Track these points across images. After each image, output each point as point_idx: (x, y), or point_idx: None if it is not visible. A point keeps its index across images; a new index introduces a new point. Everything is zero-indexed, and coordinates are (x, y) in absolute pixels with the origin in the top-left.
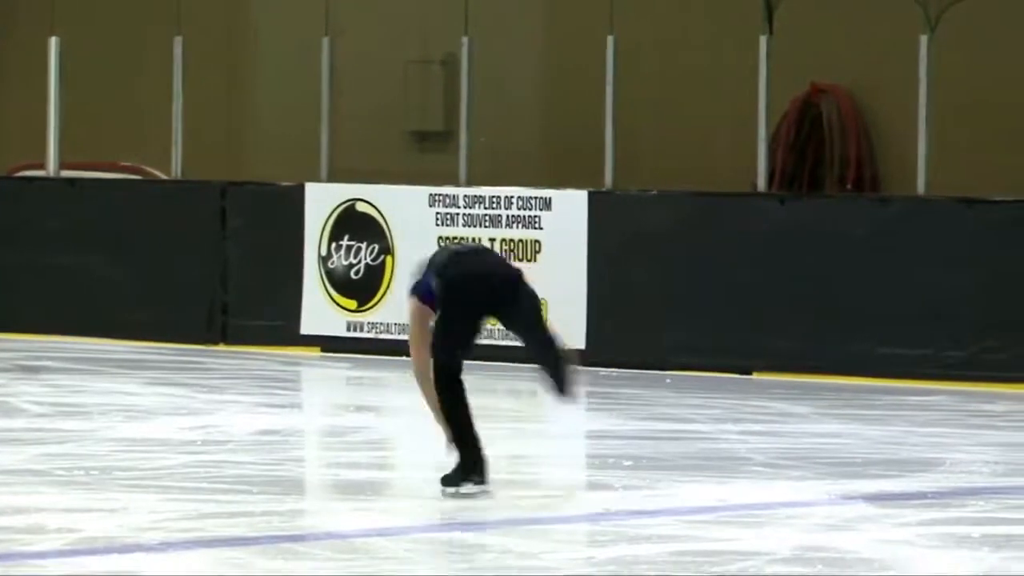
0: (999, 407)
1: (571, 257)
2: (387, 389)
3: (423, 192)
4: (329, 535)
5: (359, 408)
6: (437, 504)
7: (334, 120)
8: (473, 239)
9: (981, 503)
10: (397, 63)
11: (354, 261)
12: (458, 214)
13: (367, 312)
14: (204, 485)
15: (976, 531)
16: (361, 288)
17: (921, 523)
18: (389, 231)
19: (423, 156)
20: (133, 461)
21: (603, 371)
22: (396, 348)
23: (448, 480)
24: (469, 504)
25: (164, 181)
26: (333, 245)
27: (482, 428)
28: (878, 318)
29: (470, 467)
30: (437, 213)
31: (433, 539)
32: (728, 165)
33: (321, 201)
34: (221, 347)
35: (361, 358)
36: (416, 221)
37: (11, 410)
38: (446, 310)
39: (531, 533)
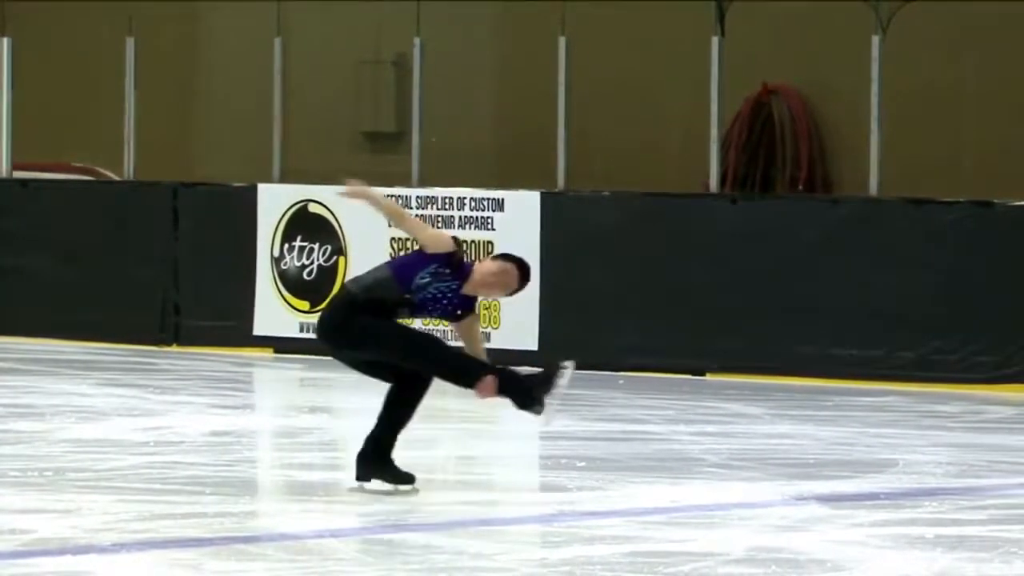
0: (951, 408)
1: (524, 258)
2: (340, 390)
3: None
4: (282, 536)
5: (312, 409)
6: (390, 505)
7: (286, 121)
8: None
9: (934, 504)
10: (349, 64)
11: (307, 262)
12: (411, 215)
13: (320, 313)
14: (157, 486)
15: (929, 532)
16: (314, 289)
17: (874, 524)
18: (342, 232)
19: (375, 157)
20: (86, 462)
21: None
22: None
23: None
24: (422, 505)
25: (116, 182)
26: (286, 246)
27: (434, 429)
28: (830, 319)
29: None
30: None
31: (386, 540)
32: (680, 166)
33: (273, 202)
34: (173, 348)
35: (314, 359)
36: (369, 222)
37: None
38: None
39: (484, 534)
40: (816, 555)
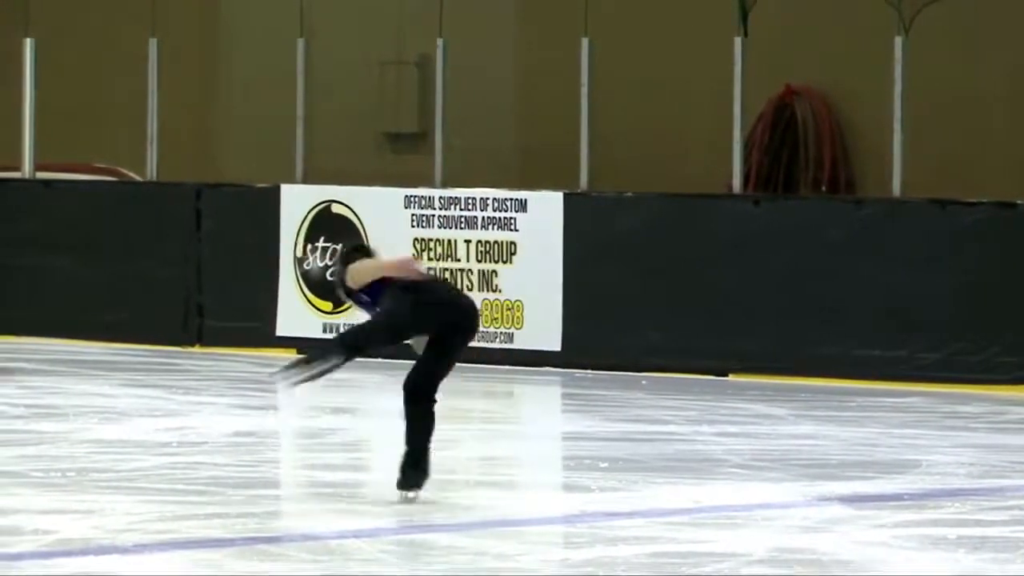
0: (973, 409)
1: (546, 259)
2: (363, 391)
3: (398, 193)
4: (304, 536)
5: (335, 410)
6: (412, 506)
7: (309, 121)
8: (448, 241)
9: (957, 505)
10: (371, 64)
11: (330, 263)
12: (434, 216)
13: (343, 314)
14: (180, 487)
15: (952, 533)
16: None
17: (897, 525)
18: (365, 233)
19: (398, 157)
20: (109, 463)
21: (578, 373)
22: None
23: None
24: (444, 506)
25: (139, 182)
26: (309, 247)
27: (456, 430)
28: (853, 320)
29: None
30: (413, 215)
31: (408, 540)
32: (703, 167)
33: (296, 202)
34: (196, 349)
35: None
36: (391, 222)
37: None
38: (447, 336)
39: (507, 535)
40: (839, 556)
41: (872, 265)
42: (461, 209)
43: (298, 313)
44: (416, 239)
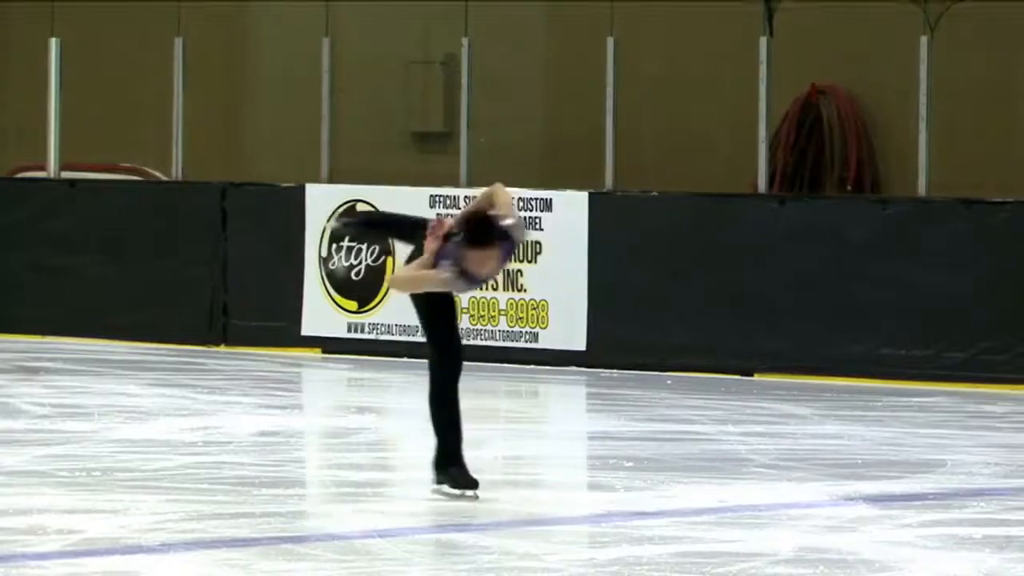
0: (999, 408)
1: (572, 258)
2: (388, 390)
3: (424, 193)
4: (330, 536)
5: (360, 409)
6: (438, 505)
7: (334, 121)
8: None
9: (982, 504)
10: (398, 64)
11: (355, 262)
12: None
13: (368, 313)
14: (205, 486)
15: (977, 532)
16: (362, 289)
17: (922, 524)
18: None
19: (423, 157)
20: (134, 462)
21: (604, 372)
22: (397, 350)
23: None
24: (469, 506)
25: (165, 182)
26: (334, 246)
27: (482, 429)
28: (878, 319)
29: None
30: (438, 214)
31: (434, 540)
32: (728, 166)
33: (322, 202)
34: (222, 348)
35: (362, 359)
36: None
37: (12, 411)
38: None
39: (532, 534)
40: (864, 555)
41: (898, 265)
42: None
43: (323, 313)
44: None
